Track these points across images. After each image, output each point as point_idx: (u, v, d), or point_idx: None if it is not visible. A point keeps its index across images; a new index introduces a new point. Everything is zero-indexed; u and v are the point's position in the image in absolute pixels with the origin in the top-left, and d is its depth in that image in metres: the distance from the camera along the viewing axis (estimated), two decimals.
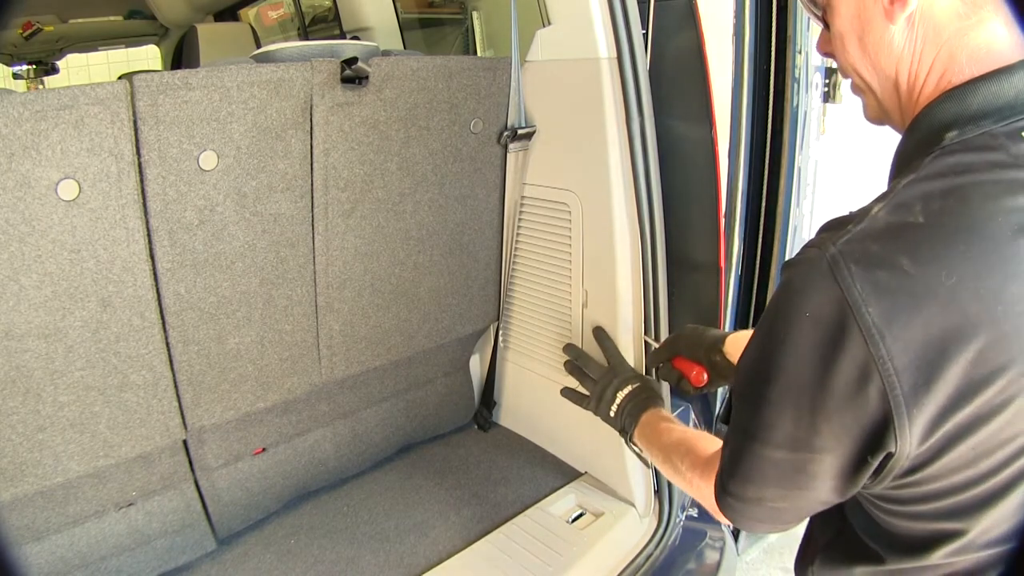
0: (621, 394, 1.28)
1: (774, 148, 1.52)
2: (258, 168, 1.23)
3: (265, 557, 1.41)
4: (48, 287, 1.05)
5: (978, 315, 0.57)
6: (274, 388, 1.40)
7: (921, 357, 0.58)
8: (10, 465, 1.10)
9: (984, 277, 0.57)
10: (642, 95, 1.34)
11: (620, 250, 1.41)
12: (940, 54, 0.64)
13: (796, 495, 0.70)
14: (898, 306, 0.58)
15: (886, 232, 0.60)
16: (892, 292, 0.58)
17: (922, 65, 0.65)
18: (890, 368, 0.58)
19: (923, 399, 0.58)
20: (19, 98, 0.96)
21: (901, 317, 0.57)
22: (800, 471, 0.67)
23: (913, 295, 0.58)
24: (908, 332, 0.57)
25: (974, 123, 0.62)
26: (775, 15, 1.45)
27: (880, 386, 0.59)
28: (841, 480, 0.66)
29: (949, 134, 0.62)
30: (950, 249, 0.58)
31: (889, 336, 0.58)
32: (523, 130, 1.55)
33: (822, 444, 0.64)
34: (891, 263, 0.58)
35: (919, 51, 0.65)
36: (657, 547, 1.45)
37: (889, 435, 0.60)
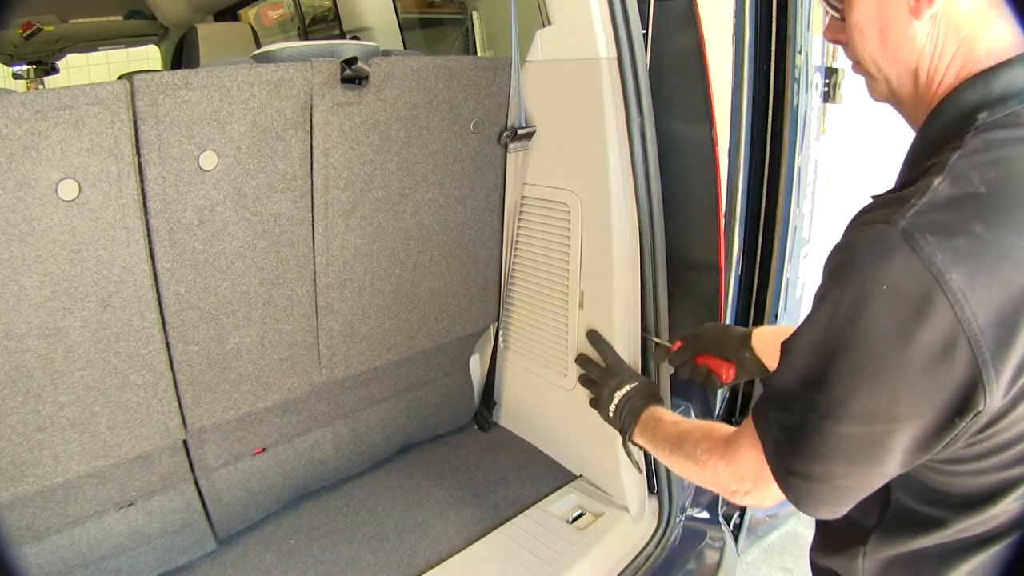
0: (619, 394, 1.28)
1: (774, 148, 1.51)
2: (258, 168, 1.23)
3: (265, 557, 1.41)
4: (48, 287, 1.05)
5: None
6: (274, 388, 1.40)
7: (1002, 314, 0.61)
8: (10, 465, 1.10)
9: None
10: (642, 95, 1.34)
11: (619, 250, 1.41)
12: (960, 48, 0.69)
13: (865, 471, 0.70)
14: (978, 269, 0.61)
15: (952, 202, 0.64)
16: (971, 257, 0.61)
17: (943, 59, 0.70)
18: (975, 328, 0.61)
19: (1007, 353, 0.62)
20: (19, 98, 0.96)
21: (981, 279, 0.61)
22: (876, 444, 0.68)
23: (990, 258, 0.62)
24: (989, 293, 0.61)
25: (1001, 104, 0.67)
26: (775, 15, 1.44)
27: (967, 348, 0.61)
28: (916, 449, 0.68)
29: (980, 115, 0.67)
30: (1015, 213, 0.63)
31: (973, 299, 0.61)
32: (523, 130, 1.55)
33: (903, 413, 0.65)
34: (966, 230, 0.62)
35: (940, 46, 0.69)
36: (657, 547, 1.45)
37: (978, 394, 0.63)
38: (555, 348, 1.64)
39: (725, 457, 0.87)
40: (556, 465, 1.68)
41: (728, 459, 0.86)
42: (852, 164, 1.86)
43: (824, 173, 1.68)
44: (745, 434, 0.83)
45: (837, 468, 0.71)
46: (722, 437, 0.90)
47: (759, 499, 0.83)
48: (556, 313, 1.61)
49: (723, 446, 0.88)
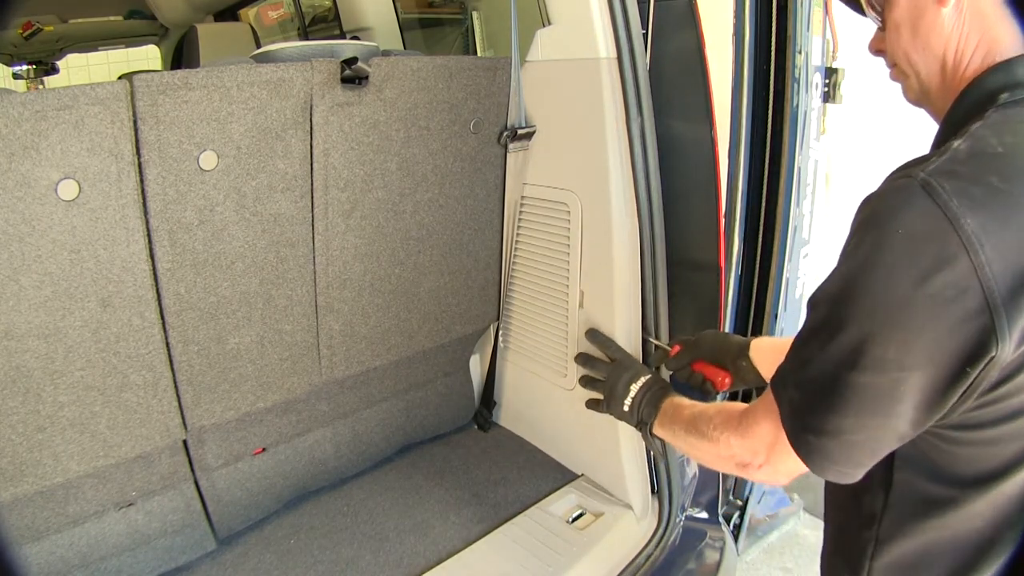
0: (635, 387, 1.27)
1: (774, 148, 1.51)
2: (258, 168, 1.23)
3: (265, 557, 1.41)
4: (48, 287, 1.05)
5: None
6: (274, 388, 1.40)
7: (1015, 262, 0.63)
8: (10, 465, 1.10)
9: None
10: (642, 95, 1.34)
11: (619, 250, 1.41)
12: (984, 36, 0.73)
13: (876, 424, 0.70)
14: (993, 217, 0.63)
15: (970, 158, 0.66)
16: (986, 205, 0.63)
17: (968, 45, 0.73)
18: (989, 274, 0.62)
19: (1020, 302, 0.63)
20: (19, 98, 0.96)
21: (995, 227, 0.63)
22: (887, 394, 0.68)
23: (1005, 207, 0.64)
24: (1003, 241, 0.63)
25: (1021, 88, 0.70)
26: (775, 15, 1.44)
27: (980, 292, 0.62)
28: (927, 403, 0.68)
29: (1003, 96, 0.71)
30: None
31: (988, 244, 0.62)
32: (523, 130, 1.55)
33: (914, 361, 0.66)
34: (982, 181, 0.64)
35: (965, 33, 0.73)
36: (657, 547, 1.45)
37: (990, 340, 0.63)
38: (555, 348, 1.64)
39: (739, 431, 0.87)
40: (556, 465, 1.68)
41: (742, 432, 0.86)
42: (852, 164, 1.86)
43: (824, 173, 1.68)
44: (760, 407, 0.84)
45: (848, 421, 0.71)
46: (736, 412, 0.91)
47: (771, 473, 0.83)
48: (556, 313, 1.61)
49: (737, 420, 0.89)
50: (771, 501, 1.95)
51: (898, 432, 0.71)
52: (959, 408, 0.69)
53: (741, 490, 1.75)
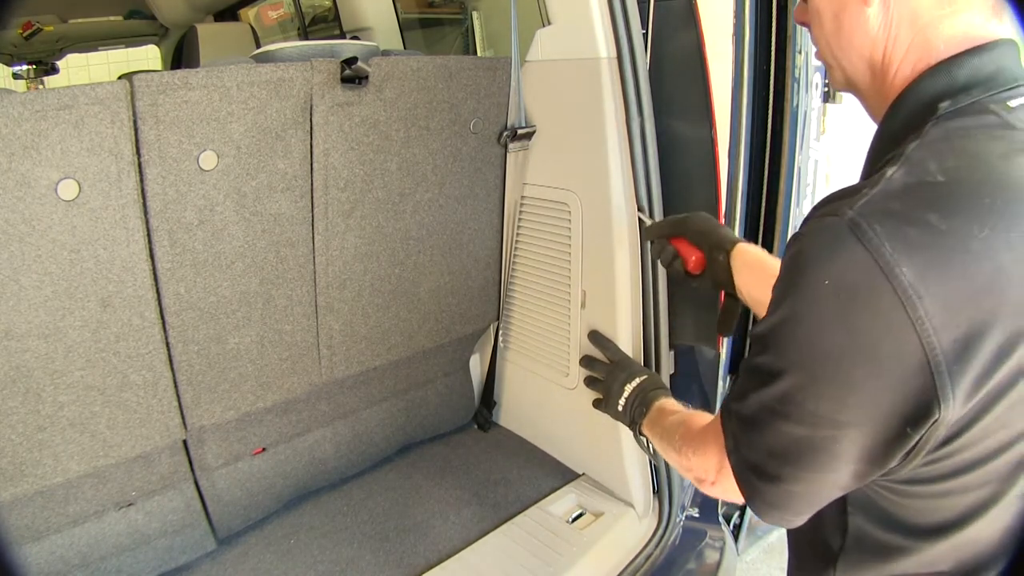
0: (629, 387, 1.27)
1: (774, 148, 1.51)
2: (258, 168, 1.23)
3: (265, 557, 1.41)
4: (48, 287, 1.05)
5: (1012, 264, 0.55)
6: (274, 388, 1.40)
7: (960, 314, 0.55)
8: (10, 465, 1.10)
9: (1013, 227, 0.56)
10: (642, 95, 1.34)
11: (619, 250, 1.41)
12: (916, 39, 0.65)
13: (813, 477, 0.65)
14: (932, 263, 0.55)
15: (906, 191, 0.58)
16: (925, 249, 0.55)
17: (897, 48, 0.67)
18: (928, 328, 0.55)
19: (966, 357, 0.56)
20: (19, 98, 0.96)
21: (935, 275, 0.55)
22: (822, 450, 0.63)
23: (946, 250, 0.55)
24: (945, 289, 0.55)
25: (964, 92, 0.63)
26: (775, 15, 1.44)
27: (919, 349, 0.55)
28: (867, 460, 0.62)
29: (943, 104, 0.63)
30: (976, 203, 0.57)
31: (927, 295, 0.55)
32: (523, 130, 1.55)
33: (849, 419, 0.60)
34: (919, 220, 0.56)
35: (894, 35, 0.66)
36: (657, 547, 1.45)
37: (932, 401, 0.57)
38: (556, 348, 1.64)
39: (695, 447, 0.85)
40: (556, 465, 1.68)
41: (695, 449, 0.85)
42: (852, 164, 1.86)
43: (824, 173, 1.68)
44: (712, 428, 0.82)
45: (786, 470, 0.66)
46: (698, 427, 0.89)
47: (722, 492, 0.80)
48: (557, 313, 1.61)
49: (694, 436, 0.87)
50: None
51: (839, 484, 0.66)
52: (907, 466, 0.63)
53: None
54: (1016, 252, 0.56)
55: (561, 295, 1.58)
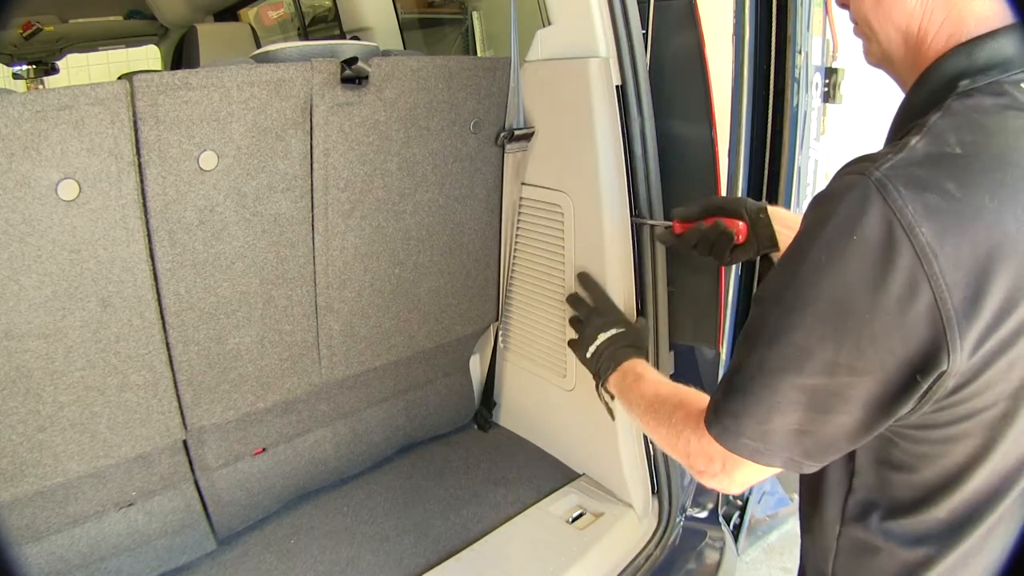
0: (602, 336, 1.23)
1: (774, 148, 1.51)
2: (258, 168, 1.23)
3: (265, 557, 1.41)
4: (48, 287, 1.05)
5: (1017, 235, 0.61)
6: (274, 388, 1.40)
7: (970, 274, 0.61)
8: (10, 465, 1.10)
9: (1020, 200, 0.62)
10: (642, 95, 1.34)
11: (610, 252, 1.41)
12: (950, 14, 0.69)
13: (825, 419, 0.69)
14: (948, 226, 0.61)
15: (928, 160, 0.64)
16: (942, 213, 0.61)
17: (932, 23, 0.70)
18: (942, 284, 0.61)
19: (973, 314, 0.61)
20: (19, 98, 0.96)
21: (951, 237, 0.61)
22: (836, 395, 0.67)
23: (961, 216, 0.61)
24: (958, 251, 0.61)
25: (983, 73, 0.68)
26: (775, 15, 1.44)
27: (932, 303, 0.61)
28: (878, 407, 0.67)
29: (963, 82, 0.68)
30: (989, 176, 0.63)
31: (941, 254, 0.60)
32: (520, 131, 1.54)
33: (865, 366, 0.65)
34: (939, 187, 0.62)
35: (930, 9, 0.70)
36: (657, 547, 1.45)
37: (942, 352, 0.62)
38: (555, 348, 1.64)
39: (697, 432, 0.82)
40: (556, 465, 1.68)
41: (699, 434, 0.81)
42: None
43: (824, 173, 1.68)
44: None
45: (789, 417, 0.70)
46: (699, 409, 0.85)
47: (726, 483, 0.80)
48: (555, 313, 1.61)
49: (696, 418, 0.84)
50: (771, 501, 1.95)
51: (848, 432, 0.70)
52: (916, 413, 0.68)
53: None
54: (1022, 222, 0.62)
55: (557, 296, 1.58)
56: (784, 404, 0.70)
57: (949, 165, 0.63)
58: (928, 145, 0.65)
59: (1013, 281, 0.61)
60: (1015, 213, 0.62)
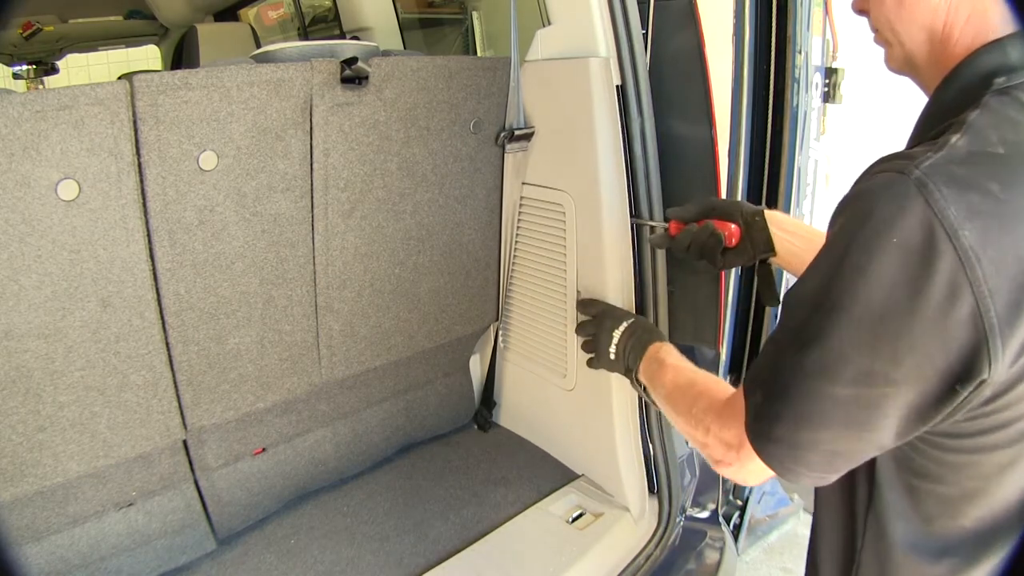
0: (617, 332, 1.21)
1: (774, 148, 1.51)
2: (258, 168, 1.23)
3: (265, 557, 1.41)
4: (48, 287, 1.05)
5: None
6: (274, 388, 1.40)
7: (1013, 279, 0.58)
8: (10, 465, 1.10)
9: None
10: (642, 95, 1.34)
11: (610, 252, 1.41)
12: (975, 10, 0.67)
13: (857, 436, 0.66)
14: (991, 229, 0.58)
15: (970, 159, 0.61)
16: (985, 215, 0.58)
17: (957, 19, 0.68)
18: (985, 291, 0.58)
19: (1016, 320, 0.59)
20: (19, 98, 0.96)
21: (994, 240, 0.58)
22: (871, 407, 0.64)
23: (1005, 218, 0.59)
24: (1001, 255, 0.58)
25: (1017, 72, 0.65)
26: (775, 15, 1.44)
27: (974, 309, 0.58)
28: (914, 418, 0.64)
29: (998, 79, 0.66)
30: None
31: (984, 258, 0.58)
32: (520, 131, 1.54)
33: (902, 376, 0.62)
34: (982, 187, 0.59)
35: (955, 7, 0.68)
36: (657, 547, 1.45)
37: (983, 360, 0.59)
38: (555, 348, 1.64)
39: (718, 421, 0.81)
40: (556, 465, 1.68)
41: (720, 423, 0.80)
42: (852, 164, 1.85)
43: (824, 173, 1.68)
44: (737, 399, 0.78)
45: (826, 433, 0.67)
46: (720, 399, 0.84)
47: (742, 473, 0.78)
48: (555, 314, 1.61)
49: (718, 408, 0.83)
50: (771, 501, 1.95)
51: (882, 443, 0.67)
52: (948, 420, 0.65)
53: (741, 490, 1.75)
54: None
55: (558, 297, 1.58)
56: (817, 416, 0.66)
57: (992, 164, 0.61)
58: (970, 143, 0.62)
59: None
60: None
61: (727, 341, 1.50)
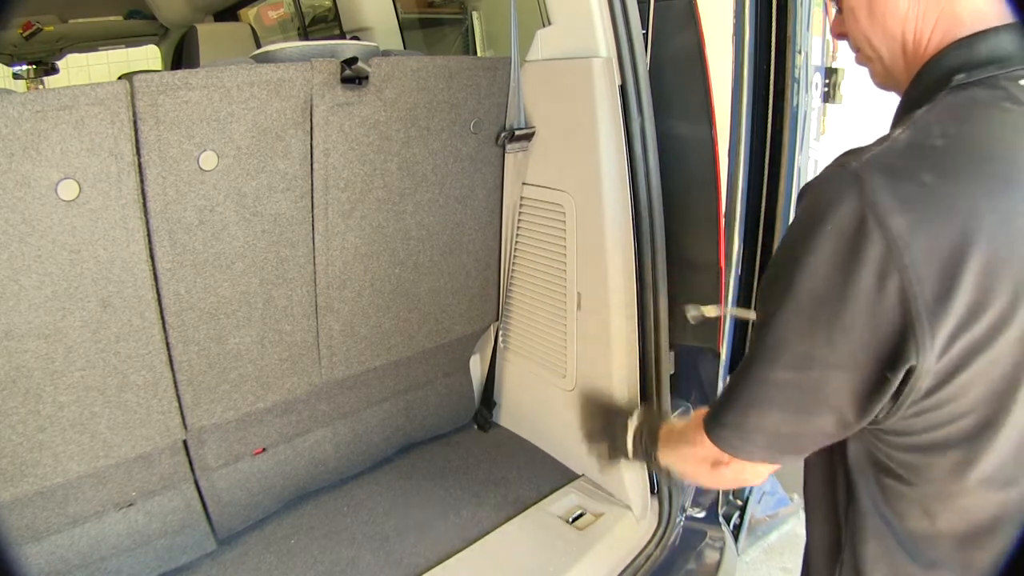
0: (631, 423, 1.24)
1: (774, 148, 1.51)
2: (258, 168, 1.23)
3: (265, 557, 1.41)
4: (48, 287, 1.05)
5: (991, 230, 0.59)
6: (274, 388, 1.40)
7: (941, 267, 0.59)
8: (10, 465, 1.10)
9: (999, 193, 0.61)
10: (642, 95, 1.34)
11: (612, 253, 1.41)
12: (943, 13, 0.69)
13: (800, 420, 0.70)
14: (922, 217, 0.60)
15: (908, 151, 0.63)
16: (916, 204, 0.60)
17: (926, 24, 0.70)
18: (912, 277, 0.60)
19: (944, 308, 0.60)
20: (19, 98, 0.96)
21: (924, 228, 0.60)
22: (810, 392, 0.67)
23: (936, 208, 0.60)
24: (930, 242, 0.59)
25: (980, 68, 0.66)
26: (775, 15, 1.44)
27: (903, 295, 0.60)
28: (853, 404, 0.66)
29: (958, 76, 0.67)
30: (969, 168, 0.62)
31: (914, 245, 0.59)
32: (520, 131, 1.54)
33: (837, 360, 0.64)
34: (915, 177, 0.61)
35: (922, 12, 0.70)
36: (657, 547, 1.45)
37: (910, 346, 0.61)
38: (555, 348, 1.64)
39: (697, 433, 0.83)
40: (556, 465, 1.68)
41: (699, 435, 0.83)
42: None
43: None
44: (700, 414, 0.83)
45: (770, 416, 0.71)
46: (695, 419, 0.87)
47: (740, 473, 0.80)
48: (556, 314, 1.61)
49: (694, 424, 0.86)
50: (771, 501, 1.95)
51: (827, 431, 0.70)
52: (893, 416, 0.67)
53: (741, 490, 1.75)
54: (1000, 216, 0.60)
55: (558, 297, 1.58)
56: (760, 400, 0.70)
57: (929, 156, 0.63)
58: (910, 137, 0.64)
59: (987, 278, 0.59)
60: (993, 206, 0.60)
61: (727, 341, 1.50)
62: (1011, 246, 0.60)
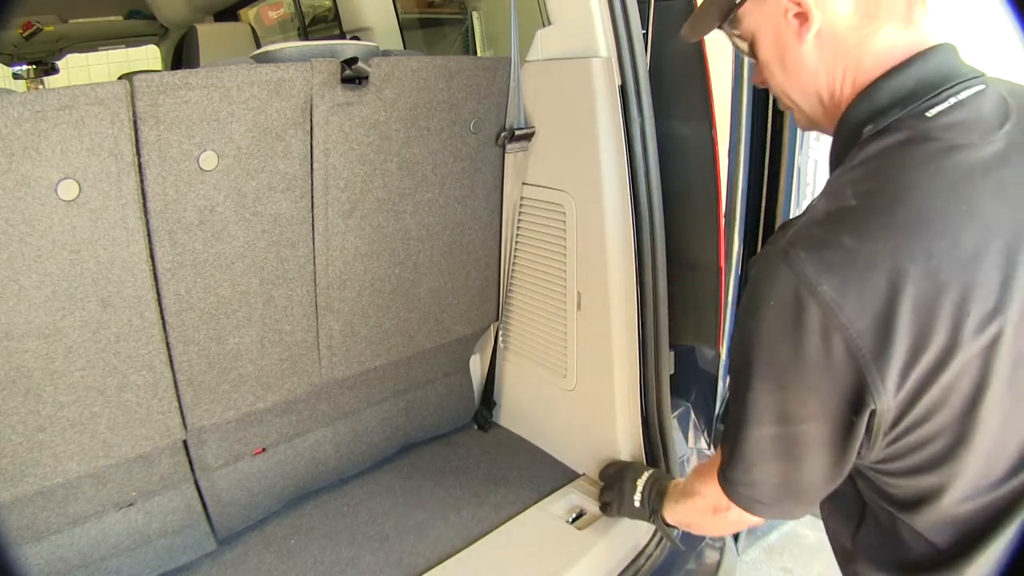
0: (640, 481, 1.31)
1: (774, 148, 1.51)
2: (258, 168, 1.23)
3: (265, 557, 1.41)
4: (48, 287, 1.05)
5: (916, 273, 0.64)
6: (274, 388, 1.40)
7: (876, 318, 0.65)
8: (10, 465, 1.10)
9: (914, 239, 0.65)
10: (642, 95, 1.34)
11: (613, 252, 1.41)
12: (849, 63, 0.72)
13: (793, 468, 0.76)
14: (849, 279, 0.65)
15: (827, 218, 0.69)
16: (841, 267, 0.66)
17: (836, 75, 0.74)
18: (852, 333, 0.65)
19: (887, 353, 0.65)
20: (19, 98, 0.96)
21: (852, 287, 0.65)
22: (794, 443, 0.74)
23: (859, 267, 0.65)
24: (861, 299, 0.65)
25: (883, 115, 0.70)
26: None
27: (848, 350, 0.66)
28: (835, 449, 0.72)
29: (866, 129, 0.71)
30: (882, 222, 0.66)
31: (846, 306, 0.65)
32: (520, 131, 1.54)
33: (810, 412, 0.71)
34: (835, 243, 0.67)
35: (831, 64, 0.73)
36: (657, 547, 1.45)
37: (867, 392, 0.67)
38: (555, 348, 1.64)
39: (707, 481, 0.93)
40: (556, 465, 1.68)
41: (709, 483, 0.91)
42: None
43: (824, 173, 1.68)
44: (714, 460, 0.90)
45: (767, 468, 0.77)
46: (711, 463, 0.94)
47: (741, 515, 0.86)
48: (555, 314, 1.61)
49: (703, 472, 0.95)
50: None
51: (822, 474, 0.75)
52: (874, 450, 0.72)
53: None
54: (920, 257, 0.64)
55: (558, 297, 1.58)
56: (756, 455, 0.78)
57: (845, 218, 0.67)
58: (827, 204, 0.70)
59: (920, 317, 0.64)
60: (910, 252, 0.64)
61: (727, 341, 1.50)
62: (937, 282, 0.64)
